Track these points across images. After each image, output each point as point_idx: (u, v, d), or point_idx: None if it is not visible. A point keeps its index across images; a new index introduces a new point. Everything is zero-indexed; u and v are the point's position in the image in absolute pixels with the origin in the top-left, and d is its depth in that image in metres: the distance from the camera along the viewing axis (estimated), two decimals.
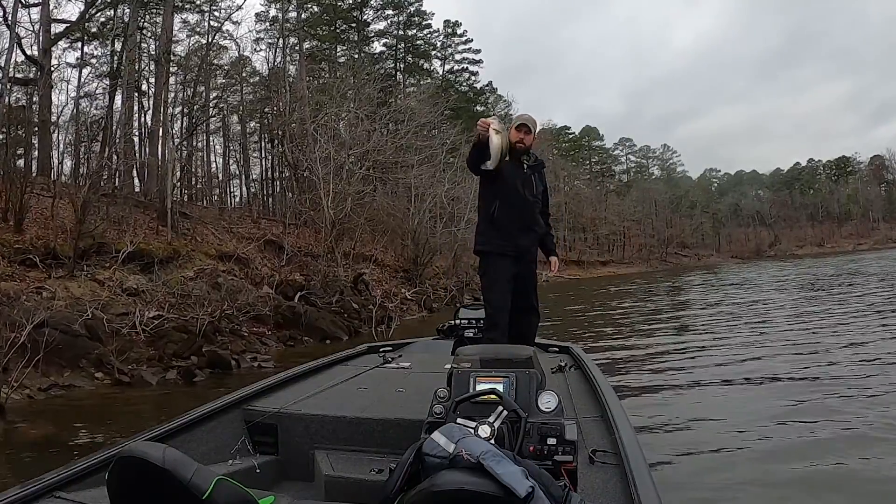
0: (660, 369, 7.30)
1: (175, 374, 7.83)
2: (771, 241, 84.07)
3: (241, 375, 7.94)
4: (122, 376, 7.59)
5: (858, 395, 5.24)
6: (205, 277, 11.87)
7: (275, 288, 13.20)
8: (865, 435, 4.22)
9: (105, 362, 7.84)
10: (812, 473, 3.64)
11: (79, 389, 7.38)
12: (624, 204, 69.93)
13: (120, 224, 13.27)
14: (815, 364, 6.72)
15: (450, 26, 50.47)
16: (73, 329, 8.18)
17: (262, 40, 32.71)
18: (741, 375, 6.45)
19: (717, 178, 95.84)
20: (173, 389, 7.40)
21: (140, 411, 6.44)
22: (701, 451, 4.13)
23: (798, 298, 15.49)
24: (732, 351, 8.12)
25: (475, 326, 4.28)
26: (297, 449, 2.56)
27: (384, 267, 21.93)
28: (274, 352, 10.22)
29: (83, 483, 1.87)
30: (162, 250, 12.40)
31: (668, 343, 9.50)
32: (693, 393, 5.85)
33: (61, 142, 18.52)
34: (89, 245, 11.51)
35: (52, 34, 19.47)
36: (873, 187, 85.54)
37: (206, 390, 7.20)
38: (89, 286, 10.46)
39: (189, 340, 8.79)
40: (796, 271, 30.53)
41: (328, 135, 19.74)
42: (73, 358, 7.90)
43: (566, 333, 10.54)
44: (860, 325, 9.57)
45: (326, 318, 11.94)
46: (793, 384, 5.87)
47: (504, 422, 1.86)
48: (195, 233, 15.45)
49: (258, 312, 11.06)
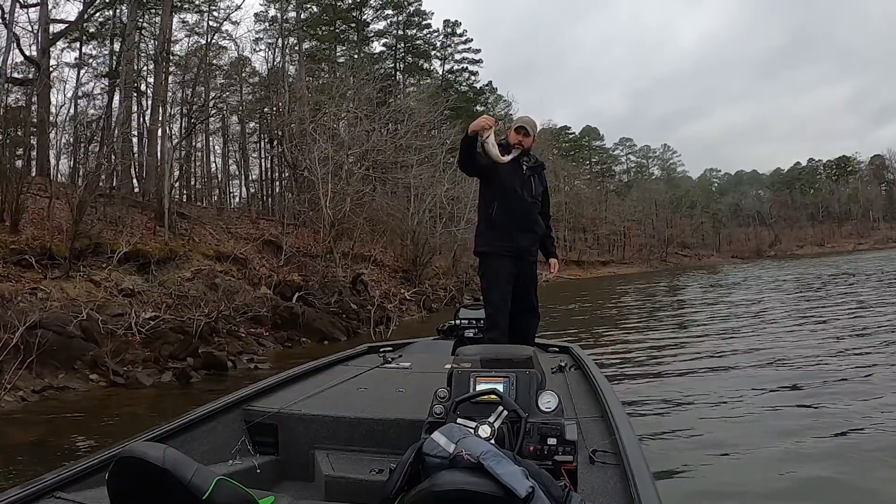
0: (660, 369, 7.27)
1: (170, 376, 7.74)
2: (771, 241, 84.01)
3: (238, 377, 7.86)
4: (117, 378, 7.51)
5: (860, 396, 5.20)
6: (202, 278, 11.78)
7: (273, 288, 13.13)
8: (867, 435, 4.20)
9: (100, 364, 7.76)
10: (812, 473, 3.62)
11: (73, 391, 7.29)
12: (624, 204, 69.88)
13: (117, 224, 13.19)
14: (816, 364, 6.69)
15: (449, 26, 50.50)
16: (67, 330, 8.10)
17: (262, 40, 32.70)
18: (741, 375, 6.42)
19: (718, 178, 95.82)
20: (168, 391, 7.32)
21: (134, 413, 6.35)
22: (701, 450, 4.12)
23: (798, 298, 15.46)
24: (733, 351, 8.10)
25: (475, 326, 4.26)
26: (298, 449, 2.56)
27: (383, 267, 21.86)
28: (271, 353, 10.14)
29: (83, 483, 1.86)
30: (159, 251, 12.32)
31: (669, 343, 9.47)
32: (693, 393, 5.84)
33: (59, 142, 18.47)
34: (86, 245, 11.44)
35: (50, 34, 19.40)
36: (873, 187, 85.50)
37: (202, 392, 7.13)
38: (85, 287, 10.38)
39: (185, 342, 8.72)
40: (797, 271, 30.49)
41: (327, 134, 19.68)
42: (67, 359, 7.82)
43: (566, 334, 10.51)
44: (860, 325, 9.54)
45: (325, 319, 11.85)
46: (793, 384, 5.85)
47: (504, 422, 1.86)
48: (193, 233, 15.36)
49: (256, 313, 10.98)
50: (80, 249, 11.28)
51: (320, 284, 13.88)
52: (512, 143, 3.49)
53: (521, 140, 3.51)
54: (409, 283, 20.89)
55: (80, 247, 11.31)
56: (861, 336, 8.51)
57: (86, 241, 11.50)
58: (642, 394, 5.93)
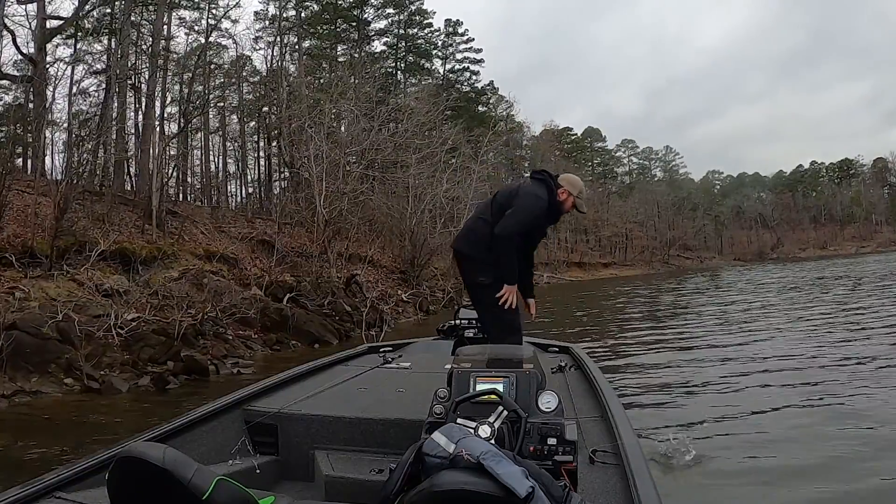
0: (660, 369, 7.23)
1: (148, 381, 7.37)
2: (773, 244, 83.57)
3: (219, 383, 7.50)
4: (92, 382, 7.15)
5: (863, 395, 5.19)
6: (190, 278, 11.40)
7: (264, 289, 12.76)
8: (868, 436, 4.19)
9: (75, 367, 7.41)
10: (813, 473, 3.62)
11: (46, 396, 6.96)
12: (626, 206, 69.41)
13: (104, 222, 12.83)
14: (818, 364, 6.66)
15: (451, 25, 50.17)
16: (42, 332, 7.76)
17: (262, 38, 32.38)
18: (742, 375, 6.38)
19: (720, 181, 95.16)
20: (144, 397, 6.94)
21: (103, 423, 5.96)
22: (702, 450, 4.09)
23: (799, 299, 15.24)
24: (733, 351, 8.07)
25: (475, 326, 4.17)
26: (298, 449, 2.56)
27: (381, 268, 21.51)
28: (259, 356, 9.77)
29: (83, 483, 1.86)
30: (146, 249, 11.95)
31: (669, 343, 9.38)
32: (693, 393, 5.84)
33: (53, 139, 18.20)
34: (70, 244, 11.09)
35: (46, 31, 19.14)
36: (876, 190, 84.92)
37: (177, 399, 6.77)
38: (67, 287, 10.03)
39: (167, 344, 8.35)
40: (799, 274, 30.20)
41: (324, 132, 19.32)
42: (41, 363, 7.47)
43: (567, 334, 10.46)
44: (861, 325, 9.53)
45: (316, 321, 11.46)
46: (794, 385, 5.80)
47: (504, 422, 1.86)
48: (183, 232, 15.00)
49: (244, 315, 10.60)
50: (63, 248, 10.93)
51: (313, 285, 13.50)
52: (564, 208, 3.41)
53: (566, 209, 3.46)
54: (406, 284, 20.54)
55: (64, 245, 10.96)
56: (864, 337, 8.44)
57: (70, 240, 11.16)
58: (642, 394, 5.92)
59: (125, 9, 21.42)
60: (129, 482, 1.31)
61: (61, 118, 17.45)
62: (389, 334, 11.67)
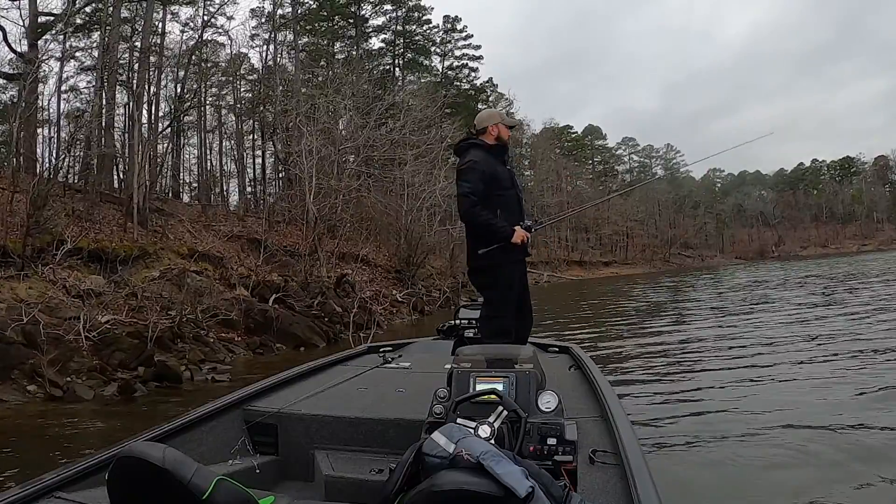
0: (660, 369, 7.15)
1: (115, 389, 6.91)
2: (775, 242, 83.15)
3: (190, 391, 7.05)
4: (55, 390, 6.69)
5: (863, 395, 5.11)
6: (171, 278, 10.92)
7: (250, 289, 12.31)
8: (868, 436, 4.13)
9: (39, 374, 6.96)
10: (813, 473, 3.59)
11: (5, 405, 6.50)
12: (627, 204, 68.84)
13: (84, 220, 12.37)
14: (818, 365, 6.56)
15: (449, 22, 49.69)
16: (6, 336, 7.32)
17: (258, 36, 31.91)
18: (742, 375, 6.30)
19: (721, 179, 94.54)
20: (109, 407, 6.48)
21: (64, 434, 5.52)
22: (701, 450, 4.10)
23: (800, 299, 14.90)
24: (734, 351, 7.96)
25: (475, 326, 4.13)
26: (297, 449, 2.56)
27: (375, 267, 21.05)
28: (240, 360, 9.31)
29: (83, 483, 1.86)
30: (126, 248, 11.48)
31: (669, 343, 9.19)
32: (693, 393, 5.76)
33: (42, 135, 17.79)
34: (46, 242, 10.64)
35: (38, 28, 18.77)
36: (878, 188, 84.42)
37: (143, 408, 6.33)
38: (40, 287, 9.58)
39: (139, 348, 7.90)
40: (800, 273, 29.82)
41: (318, 128, 18.85)
42: (4, 369, 7.03)
43: (567, 334, 10.26)
44: (861, 325, 9.30)
45: (302, 324, 10.98)
46: (794, 385, 5.74)
47: (504, 422, 1.86)
48: (168, 230, 14.54)
49: (226, 316, 10.14)
50: (39, 247, 10.49)
51: (301, 285, 13.02)
52: (505, 138, 3.50)
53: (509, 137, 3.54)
54: (401, 283, 20.07)
55: (40, 244, 10.51)
56: (865, 336, 8.22)
57: (46, 238, 10.71)
58: (642, 394, 5.88)
59: (115, 4, 21.00)
60: (129, 482, 1.31)
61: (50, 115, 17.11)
62: (381, 337, 11.24)
